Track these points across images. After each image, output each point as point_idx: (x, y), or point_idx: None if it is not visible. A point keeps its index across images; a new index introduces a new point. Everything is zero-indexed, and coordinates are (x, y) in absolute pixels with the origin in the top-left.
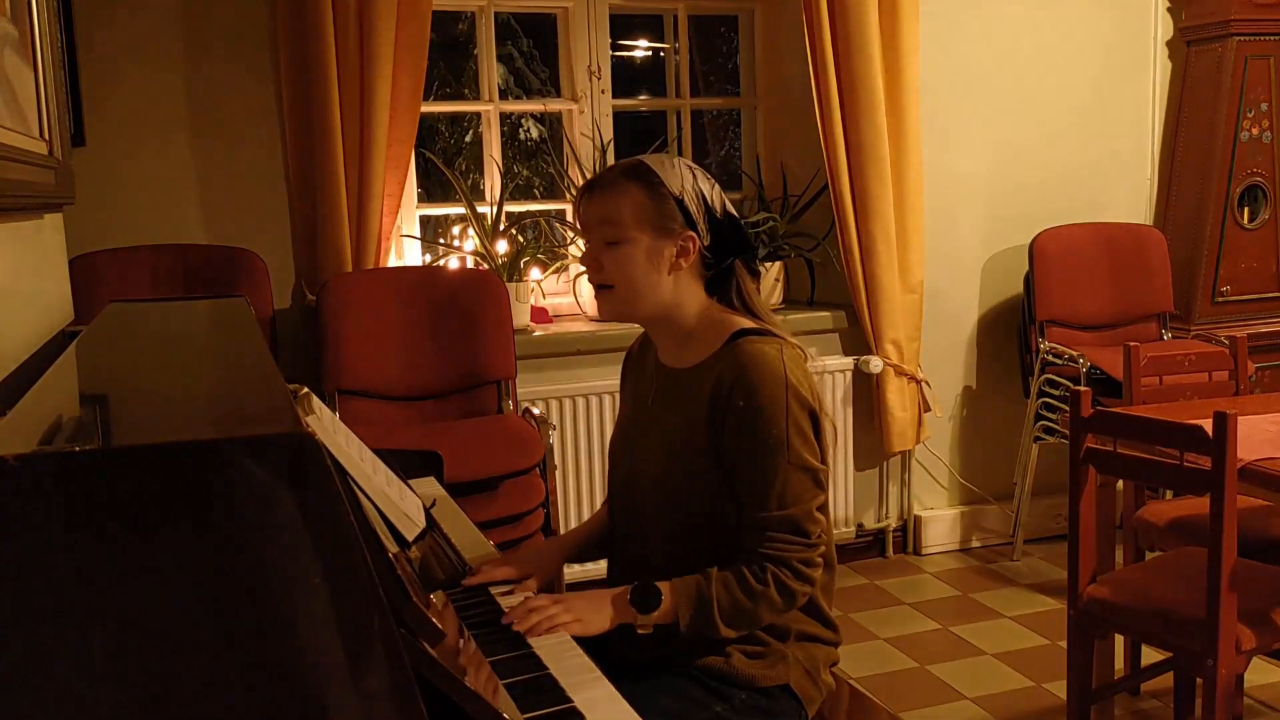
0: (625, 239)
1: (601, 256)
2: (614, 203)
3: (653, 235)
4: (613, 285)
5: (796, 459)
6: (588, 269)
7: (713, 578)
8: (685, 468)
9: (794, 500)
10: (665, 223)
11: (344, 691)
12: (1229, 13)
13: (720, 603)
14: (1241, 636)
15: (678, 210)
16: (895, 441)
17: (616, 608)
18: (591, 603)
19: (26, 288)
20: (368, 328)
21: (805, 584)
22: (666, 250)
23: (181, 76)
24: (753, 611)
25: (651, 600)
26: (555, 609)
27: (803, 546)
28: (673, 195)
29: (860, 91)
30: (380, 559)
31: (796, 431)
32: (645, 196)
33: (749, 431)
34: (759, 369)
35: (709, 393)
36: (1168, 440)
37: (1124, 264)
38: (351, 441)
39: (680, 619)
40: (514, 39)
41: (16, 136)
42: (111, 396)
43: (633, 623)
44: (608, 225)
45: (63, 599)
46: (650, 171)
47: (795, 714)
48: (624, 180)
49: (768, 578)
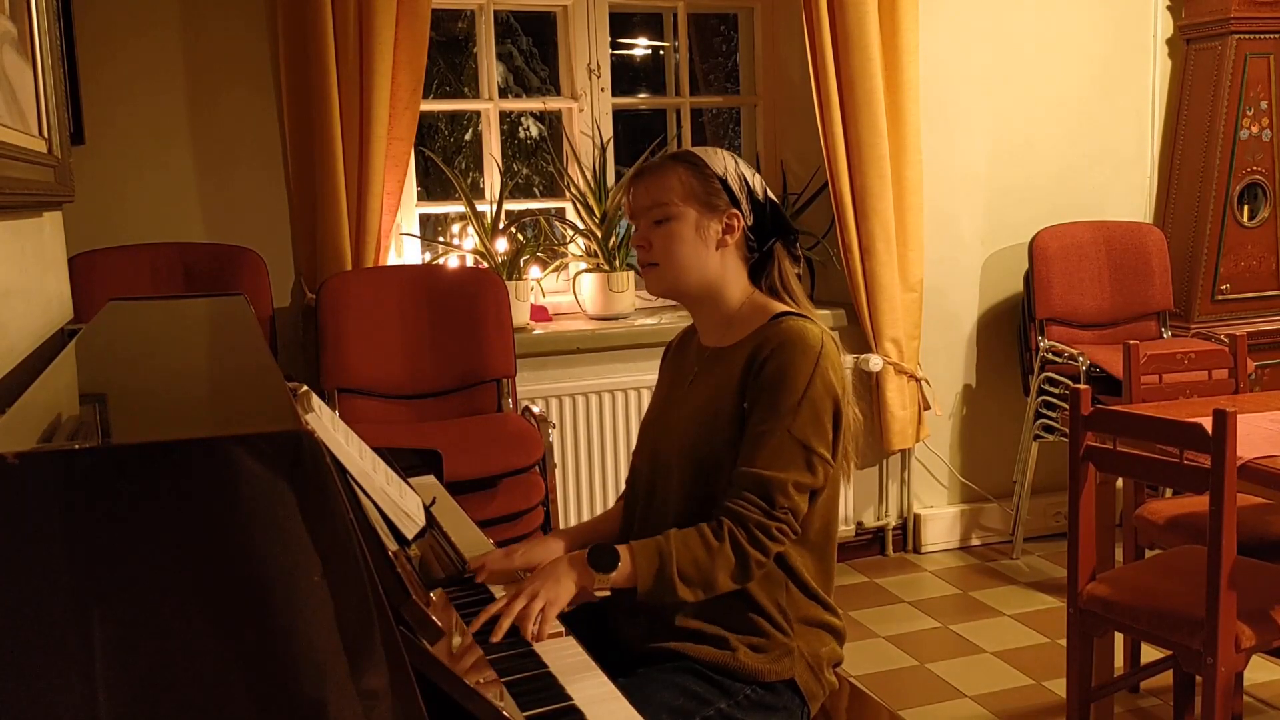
0: (673, 215)
1: (651, 235)
2: (662, 183)
3: (699, 210)
4: (659, 262)
5: (799, 431)
6: (638, 250)
7: (671, 536)
8: (712, 436)
9: (777, 466)
10: (711, 200)
11: (344, 689)
12: (1228, 11)
13: (679, 559)
14: (1241, 634)
15: (722, 189)
16: (895, 440)
17: (575, 570)
18: (549, 576)
19: (26, 286)
20: (367, 326)
21: (758, 551)
22: (713, 226)
23: (181, 75)
24: (710, 568)
25: (607, 559)
26: (519, 603)
27: (762, 512)
28: (717, 175)
29: (860, 90)
30: (380, 557)
31: (810, 408)
32: (692, 176)
33: (768, 392)
34: (795, 341)
35: (743, 362)
36: (1167, 438)
37: (1124, 262)
38: (351, 439)
39: (639, 578)
40: (514, 37)
41: (16, 134)
42: (111, 394)
43: (589, 585)
44: (656, 206)
45: (62, 596)
46: (695, 155)
47: (798, 710)
48: (670, 163)
49: (724, 533)
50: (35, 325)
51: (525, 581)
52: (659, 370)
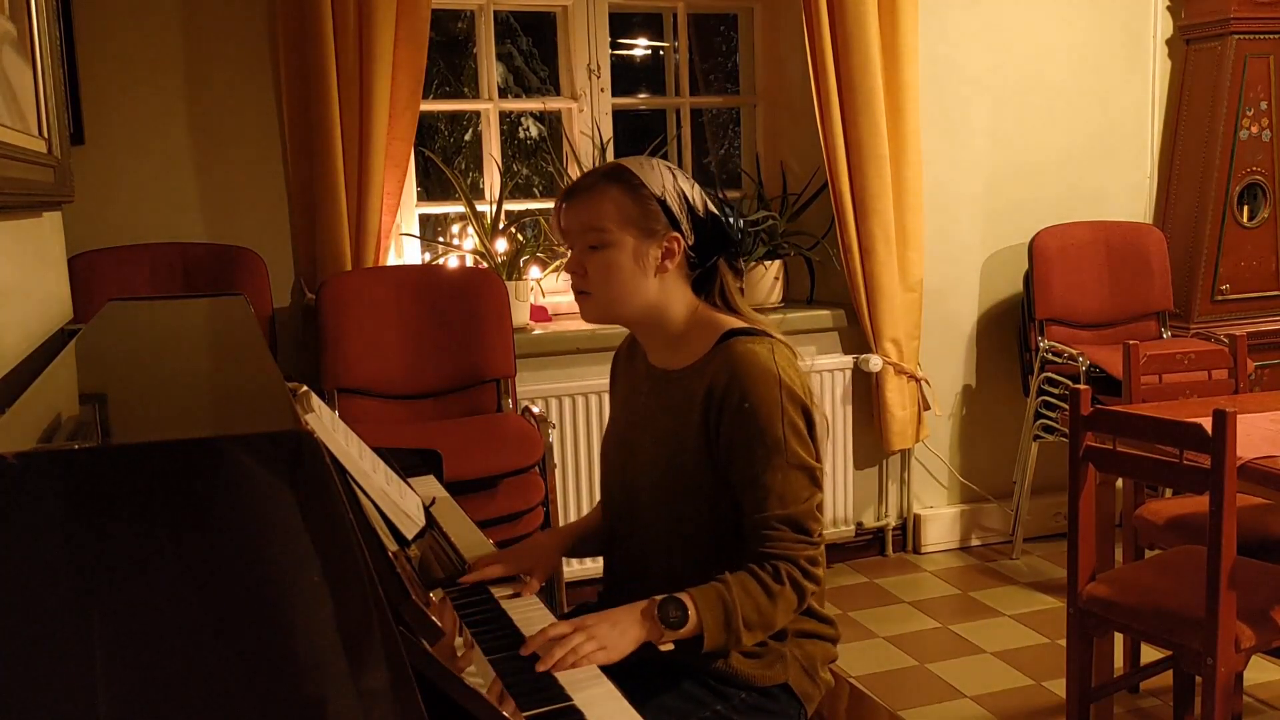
0: (609, 242)
1: (586, 262)
2: (596, 207)
3: (637, 237)
4: (591, 292)
5: (794, 458)
6: (572, 276)
7: (730, 583)
8: (679, 471)
9: (794, 499)
10: (649, 224)
11: (343, 689)
12: (1228, 11)
13: (743, 609)
14: (1241, 635)
15: (661, 211)
16: (895, 440)
17: (642, 626)
18: (614, 625)
19: (26, 286)
20: (367, 326)
21: (813, 582)
22: (652, 252)
23: (180, 75)
24: (771, 613)
25: (679, 615)
26: (578, 638)
27: (807, 545)
28: (654, 196)
29: (860, 90)
30: (379, 557)
31: (792, 431)
32: (627, 198)
33: (745, 433)
34: (752, 369)
35: (702, 396)
36: (1167, 438)
37: (1123, 262)
38: (351, 440)
39: (705, 631)
40: (513, 37)
41: (15, 134)
42: (110, 394)
43: (656, 641)
44: (591, 230)
45: (62, 596)
46: (630, 173)
47: (795, 712)
48: (604, 184)
49: (783, 576)
50: (34, 325)
51: (590, 618)
52: (610, 379)
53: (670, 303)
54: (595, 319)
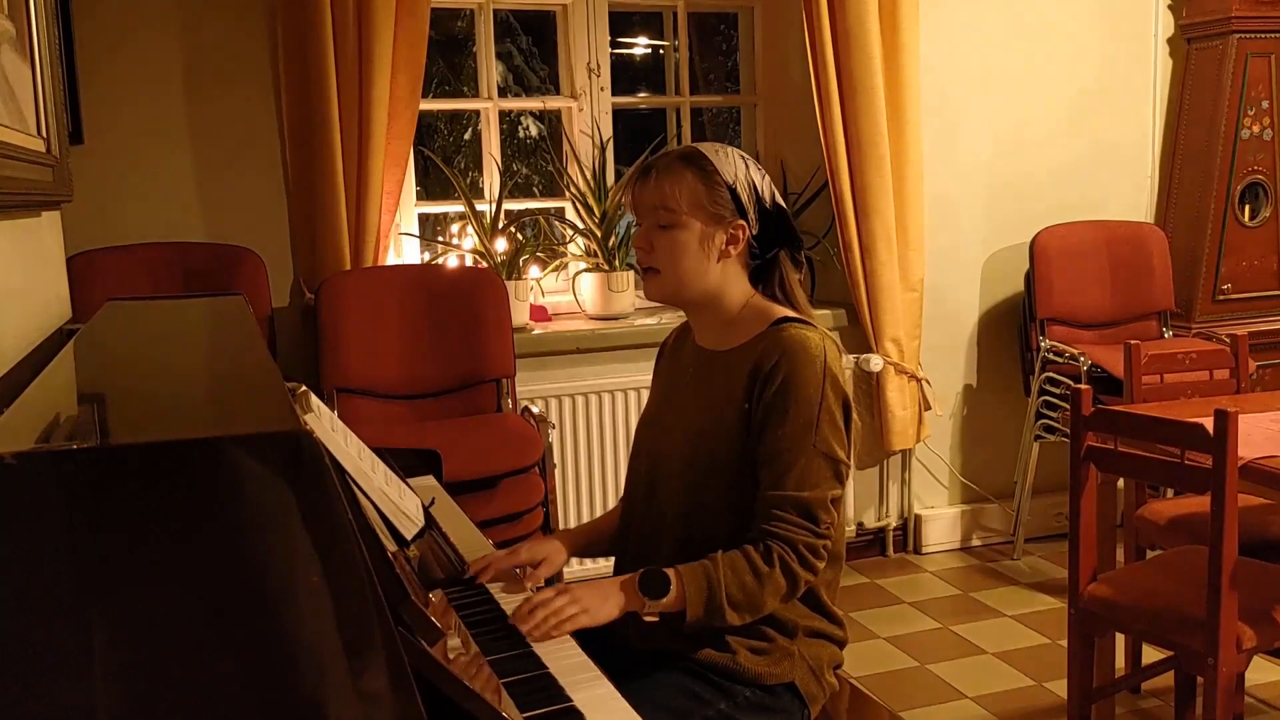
0: (678, 224)
1: (654, 239)
2: (669, 187)
3: (705, 221)
4: (660, 269)
5: (822, 444)
6: (638, 251)
7: (719, 561)
8: (712, 447)
9: (811, 485)
10: (717, 210)
11: (342, 690)
12: (1229, 10)
13: (728, 586)
14: (1242, 635)
15: (730, 198)
16: (895, 440)
17: (624, 594)
18: (597, 591)
19: (24, 285)
20: (366, 326)
21: (808, 571)
22: (717, 237)
23: (180, 75)
24: (758, 594)
25: (658, 584)
26: (560, 601)
27: (810, 533)
28: (726, 183)
29: (860, 89)
30: (379, 558)
31: (828, 418)
32: (700, 183)
33: (781, 409)
34: (801, 352)
35: (747, 371)
36: (1169, 438)
37: (1125, 262)
38: (350, 440)
39: (688, 606)
40: (513, 36)
41: (14, 134)
42: (109, 395)
43: (639, 610)
44: (662, 210)
45: (61, 596)
46: (705, 159)
47: (798, 712)
48: (680, 166)
49: (774, 558)
50: (33, 325)
51: (574, 585)
52: (654, 369)
53: (728, 289)
54: (660, 298)
